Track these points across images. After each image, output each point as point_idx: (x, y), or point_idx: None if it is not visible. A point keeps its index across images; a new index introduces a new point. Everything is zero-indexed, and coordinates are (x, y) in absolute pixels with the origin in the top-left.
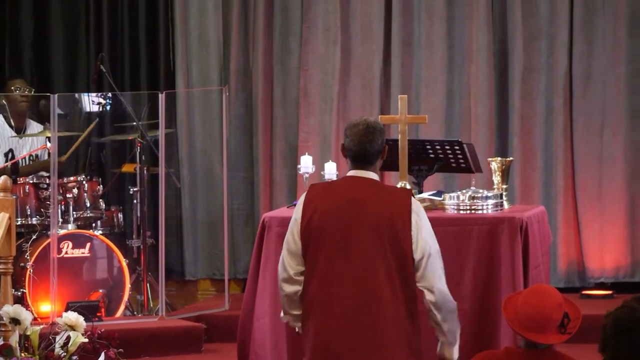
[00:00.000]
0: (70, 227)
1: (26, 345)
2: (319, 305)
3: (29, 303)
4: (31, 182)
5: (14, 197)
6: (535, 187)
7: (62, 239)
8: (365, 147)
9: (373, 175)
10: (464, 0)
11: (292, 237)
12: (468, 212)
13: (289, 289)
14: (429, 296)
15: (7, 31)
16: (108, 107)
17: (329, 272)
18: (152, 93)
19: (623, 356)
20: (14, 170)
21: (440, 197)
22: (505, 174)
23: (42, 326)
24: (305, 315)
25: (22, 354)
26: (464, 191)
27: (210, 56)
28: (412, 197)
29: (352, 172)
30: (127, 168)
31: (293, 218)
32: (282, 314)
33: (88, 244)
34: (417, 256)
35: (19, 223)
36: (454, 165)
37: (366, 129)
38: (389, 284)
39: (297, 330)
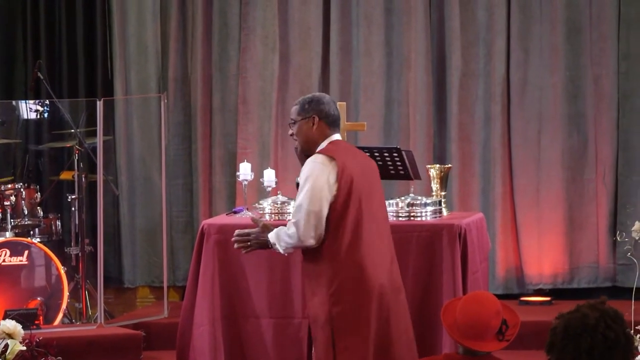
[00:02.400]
0: (8, 234)
1: None
2: (356, 260)
3: None
4: None
5: None
6: (473, 193)
7: None
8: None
9: None
10: (401, 7)
11: (322, 200)
12: (407, 219)
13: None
14: None
15: None
16: (46, 115)
17: (363, 230)
18: (90, 100)
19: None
20: None
21: None
22: (444, 180)
23: None
24: (334, 272)
25: None
26: (402, 198)
27: (148, 64)
28: None
29: (337, 136)
30: (65, 175)
31: (324, 182)
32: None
33: (26, 252)
34: None
35: None
36: (392, 172)
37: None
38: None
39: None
